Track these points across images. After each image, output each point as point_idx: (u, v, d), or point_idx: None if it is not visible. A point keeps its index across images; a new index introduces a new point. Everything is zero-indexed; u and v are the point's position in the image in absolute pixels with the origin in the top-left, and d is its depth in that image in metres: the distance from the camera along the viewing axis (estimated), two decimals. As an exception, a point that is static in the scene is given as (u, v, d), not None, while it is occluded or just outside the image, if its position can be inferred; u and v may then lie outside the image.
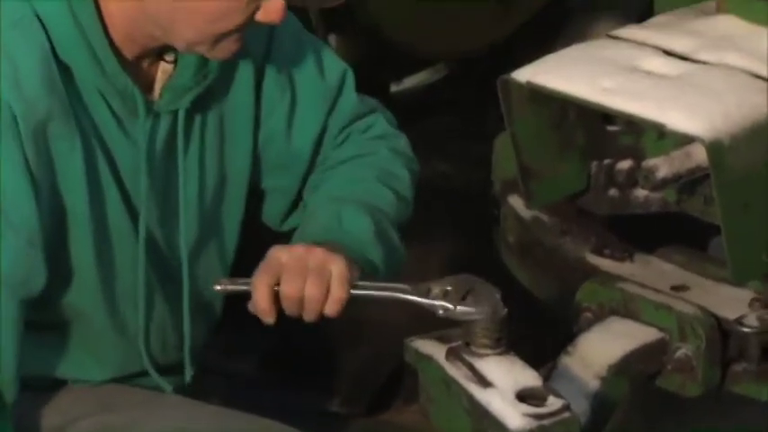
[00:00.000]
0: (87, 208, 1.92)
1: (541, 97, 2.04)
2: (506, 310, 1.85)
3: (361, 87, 2.88)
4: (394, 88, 3.21)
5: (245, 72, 2.03)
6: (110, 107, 1.92)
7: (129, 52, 1.92)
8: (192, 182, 2.01)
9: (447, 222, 3.02)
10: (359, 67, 3.01)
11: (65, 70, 1.88)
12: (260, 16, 1.88)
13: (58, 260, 1.92)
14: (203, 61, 1.96)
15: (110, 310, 1.99)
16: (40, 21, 1.87)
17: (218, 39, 1.89)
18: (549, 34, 3.22)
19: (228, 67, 2.01)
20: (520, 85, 2.03)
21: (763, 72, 1.97)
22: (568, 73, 2.02)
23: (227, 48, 1.91)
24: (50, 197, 1.89)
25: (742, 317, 2.08)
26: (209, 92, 2.00)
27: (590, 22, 3.18)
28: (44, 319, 1.94)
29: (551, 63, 2.07)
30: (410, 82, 3.24)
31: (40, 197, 1.87)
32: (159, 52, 1.96)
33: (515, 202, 2.33)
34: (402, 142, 2.16)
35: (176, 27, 1.88)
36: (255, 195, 2.14)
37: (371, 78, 3.05)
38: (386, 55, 3.07)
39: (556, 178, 2.16)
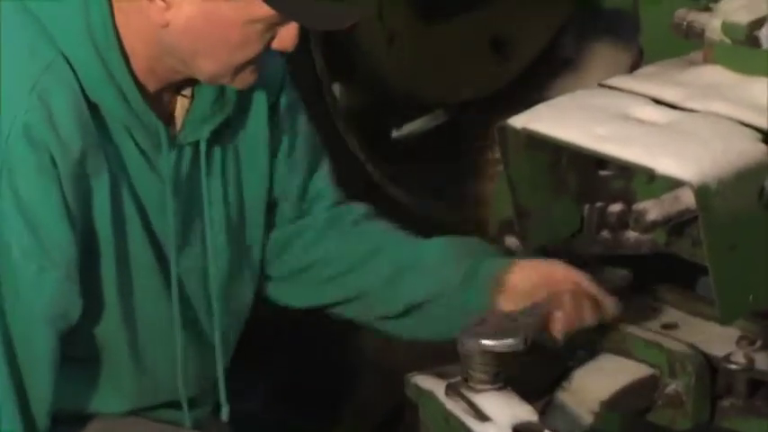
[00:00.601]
0: (112, 240, 1.92)
1: (536, 142, 2.05)
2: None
3: (364, 133, 2.91)
4: (395, 133, 3.22)
5: (260, 105, 2.05)
6: (135, 141, 1.93)
7: (151, 87, 1.94)
8: (216, 210, 2.02)
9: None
10: (362, 114, 3.05)
11: (93, 108, 1.89)
12: (275, 44, 1.90)
13: (85, 292, 1.92)
14: (219, 93, 1.98)
15: (131, 342, 1.98)
16: (68, 62, 1.88)
17: (239, 69, 1.91)
18: (543, 82, 3.24)
19: (245, 99, 2.03)
20: (516, 131, 2.04)
21: (747, 120, 1.98)
22: (562, 120, 2.03)
23: (247, 78, 1.93)
24: (82, 231, 1.90)
25: (729, 354, 2.09)
26: (228, 123, 2.02)
27: (582, 72, 3.20)
28: (68, 352, 1.94)
29: (546, 110, 2.08)
30: (410, 127, 3.25)
31: (76, 232, 1.88)
32: (177, 87, 1.98)
33: (512, 241, 2.33)
34: None
35: (198, 60, 1.90)
36: None
37: (374, 124, 3.08)
38: (387, 102, 3.09)
39: (550, 220, 2.17)
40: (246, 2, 1.84)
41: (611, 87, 2.12)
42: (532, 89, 3.22)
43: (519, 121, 2.05)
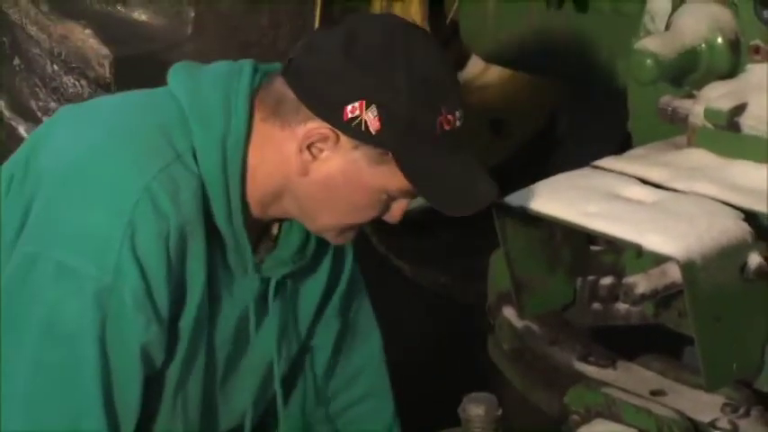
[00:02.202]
0: (191, 323, 1.92)
1: (532, 219, 2.04)
2: (501, 410, 1.85)
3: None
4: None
5: (326, 261, 2.07)
6: (224, 254, 1.93)
7: (254, 214, 1.93)
8: (270, 334, 2.02)
9: (448, 331, 3.01)
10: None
11: (207, 208, 1.89)
12: (387, 216, 1.91)
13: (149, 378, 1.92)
14: (304, 245, 1.98)
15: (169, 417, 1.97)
16: (195, 158, 1.87)
17: (347, 228, 1.92)
18: (538, 161, 3.25)
19: (319, 255, 2.03)
20: (512, 209, 2.04)
21: (729, 200, 1.97)
22: (556, 198, 2.03)
23: (348, 236, 1.95)
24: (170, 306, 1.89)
25: (715, 420, 2.07)
26: (300, 270, 2.02)
27: (574, 153, 3.20)
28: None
29: (541, 189, 2.07)
30: (416, 203, 3.25)
31: (171, 301, 1.88)
32: (266, 227, 1.97)
33: (509, 312, 2.32)
34: None
35: (318, 212, 1.90)
36: None
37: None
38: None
39: (545, 292, 2.16)
40: (387, 172, 1.85)
41: (600, 168, 2.12)
42: (528, 167, 3.23)
43: (515, 199, 2.04)
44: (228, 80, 1.90)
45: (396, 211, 1.93)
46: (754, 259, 1.91)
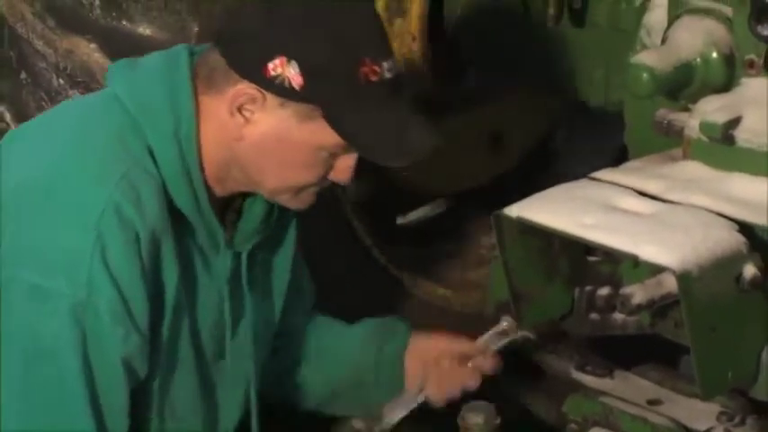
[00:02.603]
0: (169, 323, 1.92)
1: (529, 230, 2.05)
2: (499, 418, 1.85)
3: (371, 220, 2.91)
4: (400, 220, 3.22)
5: (291, 229, 2.07)
6: (196, 240, 1.93)
7: (216, 193, 1.94)
8: (249, 316, 2.02)
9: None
10: (370, 203, 3.04)
11: (169, 203, 1.90)
12: (332, 175, 1.91)
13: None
14: (268, 214, 1.98)
15: (159, 421, 1.96)
16: (153, 156, 1.88)
17: (299, 190, 1.91)
18: (536, 174, 3.25)
19: (284, 223, 2.04)
20: (510, 220, 2.04)
21: (724, 211, 1.97)
22: (553, 210, 2.03)
23: (305, 199, 1.94)
24: (150, 309, 1.89)
25: (710, 429, 2.07)
26: (266, 239, 2.02)
27: (572, 165, 3.21)
28: None
29: (538, 200, 2.08)
30: (414, 215, 3.25)
31: (150, 306, 1.88)
32: (228, 201, 1.98)
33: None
34: None
35: (263, 176, 1.90)
36: None
37: (380, 212, 3.08)
38: (393, 192, 3.09)
39: (543, 302, 2.16)
40: (317, 128, 1.84)
41: (598, 180, 2.12)
42: (527, 179, 3.23)
43: (513, 210, 2.05)
44: (167, 71, 1.90)
45: (342, 170, 1.90)
46: (749, 270, 1.91)
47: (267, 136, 1.86)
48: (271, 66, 1.82)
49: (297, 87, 1.82)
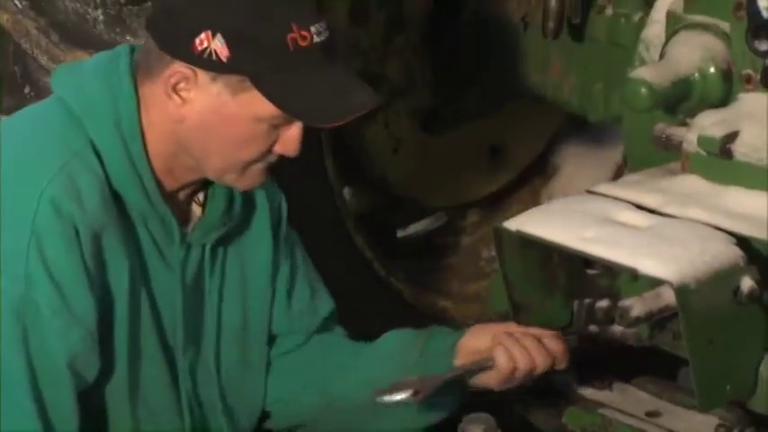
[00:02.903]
0: (126, 319, 1.91)
1: (529, 243, 2.05)
2: (499, 430, 1.86)
3: (372, 233, 2.91)
4: (400, 233, 3.23)
5: (263, 224, 2.05)
6: (150, 233, 1.93)
7: (168, 185, 1.94)
8: (213, 310, 2.01)
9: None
10: (370, 216, 3.05)
11: (115, 197, 1.89)
12: (278, 147, 1.90)
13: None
14: (229, 206, 1.98)
15: (134, 420, 1.96)
16: (95, 150, 1.87)
17: (245, 167, 1.90)
18: (535, 187, 3.25)
19: (250, 216, 2.03)
20: (510, 233, 2.04)
21: (722, 225, 1.97)
22: (553, 223, 2.03)
23: (254, 178, 1.92)
24: (100, 302, 1.89)
25: (708, 440, 2.07)
26: (234, 234, 2.02)
27: (571, 179, 3.21)
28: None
29: (538, 214, 2.08)
30: (415, 228, 3.25)
31: (96, 300, 1.87)
32: (193, 191, 1.98)
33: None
34: None
35: (208, 156, 1.90)
36: None
37: (381, 225, 3.09)
38: (393, 205, 3.10)
39: (543, 314, 2.16)
40: (251, 99, 1.84)
41: (596, 193, 2.12)
42: (526, 192, 3.23)
43: (513, 223, 2.05)
44: (108, 66, 1.91)
45: (287, 141, 1.88)
46: (747, 283, 1.91)
47: (205, 113, 1.85)
48: (197, 41, 1.82)
49: (224, 59, 1.82)
